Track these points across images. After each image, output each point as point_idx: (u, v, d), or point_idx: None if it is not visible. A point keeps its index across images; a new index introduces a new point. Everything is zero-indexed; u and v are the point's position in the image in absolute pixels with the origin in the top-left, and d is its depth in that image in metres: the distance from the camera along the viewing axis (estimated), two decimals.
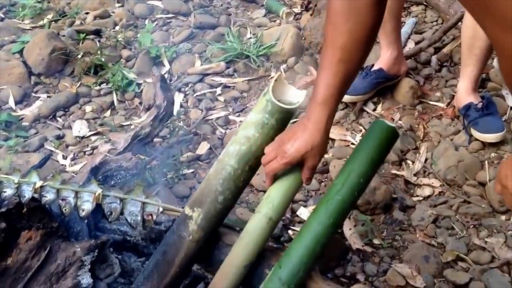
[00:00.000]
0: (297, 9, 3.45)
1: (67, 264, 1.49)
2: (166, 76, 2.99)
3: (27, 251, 1.46)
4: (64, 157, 2.59)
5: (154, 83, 2.34)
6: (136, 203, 1.52)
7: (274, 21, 3.39)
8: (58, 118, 2.86)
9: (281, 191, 1.44)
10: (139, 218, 1.50)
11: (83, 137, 2.71)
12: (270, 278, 1.34)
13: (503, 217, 2.10)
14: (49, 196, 1.51)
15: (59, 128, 2.79)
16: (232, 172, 1.42)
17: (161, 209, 1.52)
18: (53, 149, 2.64)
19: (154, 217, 1.51)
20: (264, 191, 2.23)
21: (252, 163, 1.44)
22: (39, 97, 3.01)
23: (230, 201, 1.45)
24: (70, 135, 2.72)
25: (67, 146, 2.67)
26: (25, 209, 1.49)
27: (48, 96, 3.00)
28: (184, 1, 3.65)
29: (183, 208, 1.51)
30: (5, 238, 1.44)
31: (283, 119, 1.44)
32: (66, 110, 2.91)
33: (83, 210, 1.51)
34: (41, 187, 1.51)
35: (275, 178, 1.46)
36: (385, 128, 1.39)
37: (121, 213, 1.53)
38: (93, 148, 2.61)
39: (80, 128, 2.76)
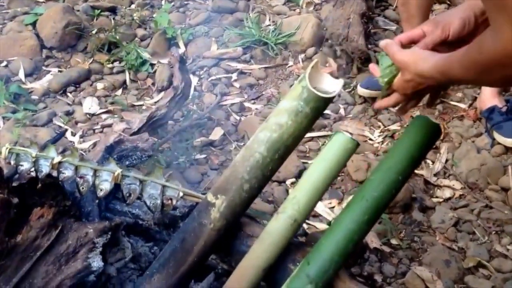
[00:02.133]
0: (317, 0, 3.36)
1: (78, 245, 1.41)
2: None
3: (38, 229, 1.38)
4: (73, 134, 2.52)
5: (173, 64, 2.26)
6: (156, 185, 1.44)
7: (294, 10, 3.30)
8: (69, 94, 2.79)
9: (308, 192, 1.36)
10: (158, 201, 1.43)
11: (93, 115, 2.64)
12: (297, 274, 1.26)
13: None
14: (67, 172, 1.43)
15: (69, 104, 2.71)
16: (260, 160, 1.34)
17: (181, 194, 1.44)
18: (62, 125, 2.57)
19: (174, 201, 1.43)
20: (279, 182, 2.17)
21: (282, 152, 1.36)
22: (50, 71, 2.93)
23: (256, 190, 1.37)
24: (80, 112, 2.65)
25: (76, 122, 2.59)
26: (39, 185, 1.41)
27: (59, 71, 2.92)
28: None
29: (204, 194, 1.44)
30: (16, 214, 1.37)
31: (318, 108, 1.36)
32: (77, 86, 2.83)
33: (101, 190, 1.43)
34: (59, 163, 1.43)
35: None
36: (427, 124, 1.32)
37: (140, 195, 1.45)
38: (103, 126, 2.54)
39: (90, 105, 2.68)
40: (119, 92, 2.80)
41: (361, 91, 2.61)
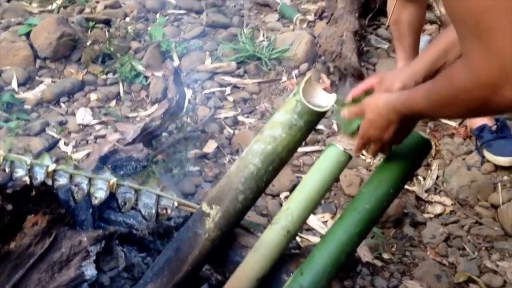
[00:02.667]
0: (310, 17, 3.41)
1: (72, 253, 1.41)
2: None
3: (32, 236, 1.38)
4: (66, 144, 2.52)
5: (167, 76, 2.28)
6: (151, 195, 1.44)
7: (288, 26, 3.34)
8: (62, 104, 2.79)
9: (302, 203, 1.37)
10: (153, 211, 1.43)
11: (86, 125, 2.64)
12: (290, 284, 1.27)
13: None
14: (62, 180, 1.44)
15: (62, 114, 2.71)
16: (255, 172, 1.36)
17: (176, 204, 1.44)
18: (54, 134, 2.56)
19: (169, 211, 1.44)
20: (273, 196, 2.18)
21: (276, 163, 1.37)
22: (43, 81, 2.93)
23: (250, 201, 1.38)
24: (73, 122, 2.65)
25: (69, 133, 2.59)
26: (34, 192, 1.41)
27: (52, 81, 2.92)
28: None
29: (198, 204, 1.44)
30: (10, 221, 1.36)
31: (312, 121, 1.38)
32: (70, 96, 2.84)
33: (96, 198, 1.43)
34: (54, 170, 1.43)
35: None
36: (419, 139, 1.34)
37: (135, 204, 1.45)
38: (97, 137, 2.55)
39: (84, 115, 2.68)
40: (113, 103, 2.81)
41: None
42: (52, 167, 1.43)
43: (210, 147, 2.46)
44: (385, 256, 1.96)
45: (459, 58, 0.96)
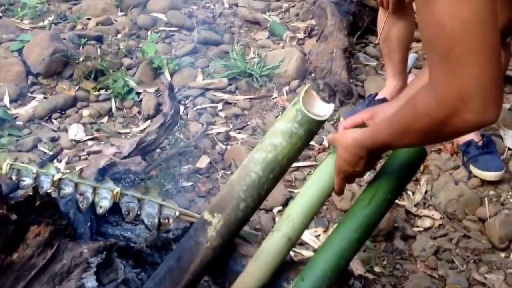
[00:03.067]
0: (300, 35, 3.47)
1: (73, 264, 1.42)
2: None
3: (34, 247, 1.39)
4: (59, 160, 2.52)
5: (162, 91, 2.32)
6: (154, 205, 1.47)
7: (278, 44, 3.40)
8: (54, 120, 2.81)
9: (303, 210, 1.40)
10: (156, 220, 1.46)
11: (79, 141, 2.66)
12: None
13: (502, 254, 2.11)
14: (67, 189, 1.46)
15: (54, 130, 2.73)
16: (256, 180, 1.39)
17: (177, 213, 1.47)
18: (46, 151, 2.58)
19: (171, 221, 1.47)
20: (267, 210, 2.21)
21: (277, 172, 1.41)
22: (35, 97, 2.95)
23: (251, 209, 1.41)
24: (66, 138, 2.67)
25: (61, 149, 2.59)
26: (38, 202, 1.43)
27: (44, 97, 2.95)
28: (188, 16, 3.65)
29: (199, 214, 1.47)
30: (13, 231, 1.38)
31: (311, 130, 1.42)
32: (63, 112, 2.86)
33: (100, 207, 1.46)
34: (60, 179, 1.45)
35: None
36: (415, 148, 1.38)
37: (138, 213, 1.48)
38: (89, 153, 2.56)
39: (76, 131, 2.70)
40: (105, 119, 2.83)
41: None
42: (57, 176, 1.46)
43: (203, 162, 2.49)
44: (377, 269, 2.00)
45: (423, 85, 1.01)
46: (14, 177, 1.48)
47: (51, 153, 2.53)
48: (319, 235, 2.13)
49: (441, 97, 0.95)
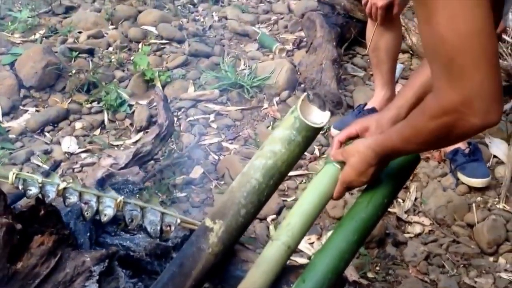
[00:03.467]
0: (289, 46, 3.53)
1: (76, 273, 1.45)
2: None
3: (38, 256, 1.41)
4: None
5: (157, 102, 2.36)
6: (156, 212, 1.51)
7: (267, 55, 3.46)
8: (46, 133, 2.83)
9: (302, 218, 1.44)
10: (158, 228, 1.49)
11: (72, 154, 2.68)
12: None
13: (491, 259, 2.17)
14: (72, 198, 1.49)
15: (47, 143, 2.75)
16: (256, 186, 1.43)
17: (179, 221, 1.51)
18: (40, 163, 2.59)
19: (173, 228, 1.50)
20: (261, 219, 2.25)
21: (277, 178, 1.45)
22: (27, 110, 2.98)
23: (252, 215, 1.45)
24: (59, 151, 2.69)
25: (55, 161, 2.62)
26: (42, 212, 1.46)
27: (36, 110, 2.97)
28: (179, 28, 3.70)
29: (200, 221, 1.51)
30: (18, 241, 1.41)
31: (309, 137, 1.47)
32: (55, 125, 2.88)
33: (105, 215, 1.49)
34: (65, 188, 1.49)
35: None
36: None
37: (141, 221, 1.51)
38: (83, 165, 2.59)
39: (69, 144, 2.72)
40: (97, 132, 2.86)
41: (334, 132, 2.74)
42: (62, 185, 1.49)
43: (197, 172, 2.53)
44: (370, 275, 2.05)
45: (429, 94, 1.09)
46: (20, 187, 1.51)
47: (44, 165, 2.56)
48: (313, 243, 2.17)
49: (447, 103, 1.03)
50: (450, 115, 1.04)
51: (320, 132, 2.75)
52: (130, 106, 3.01)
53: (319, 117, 1.49)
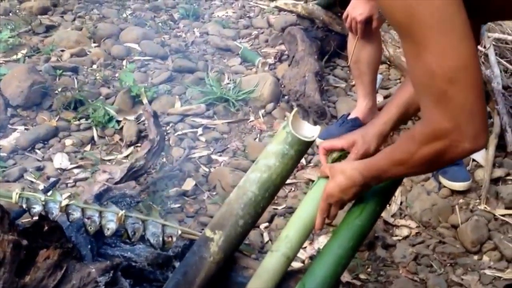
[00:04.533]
0: (271, 60, 3.62)
1: (82, 284, 1.50)
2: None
3: (45, 269, 1.46)
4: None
5: (147, 119, 2.41)
6: (157, 224, 1.57)
7: (250, 69, 3.54)
8: (37, 150, 2.86)
9: (299, 230, 1.51)
10: (160, 239, 1.55)
11: (64, 170, 2.71)
12: None
13: (475, 257, 2.26)
14: (75, 214, 1.54)
15: (38, 160, 2.78)
16: (253, 198, 1.51)
17: (180, 232, 1.57)
18: (33, 180, 2.62)
19: (174, 239, 1.56)
20: (255, 227, 2.31)
21: (272, 190, 1.53)
22: (16, 129, 3.00)
23: (250, 225, 1.53)
24: (51, 167, 2.72)
25: (48, 177, 2.65)
26: (46, 228, 1.50)
27: (25, 129, 2.99)
28: (161, 45, 3.77)
29: (200, 232, 1.57)
30: (25, 256, 1.45)
31: (301, 150, 1.55)
32: (45, 143, 2.91)
33: (108, 229, 1.54)
34: (67, 205, 1.53)
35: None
36: None
37: (143, 233, 1.57)
38: (76, 181, 2.62)
39: (61, 160, 2.76)
40: (88, 148, 2.90)
41: (319, 142, 2.81)
42: (65, 202, 1.53)
43: (189, 185, 2.59)
44: (362, 276, 2.12)
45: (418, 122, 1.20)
46: (24, 205, 1.55)
47: (38, 181, 2.59)
48: (305, 247, 2.24)
49: (439, 131, 1.12)
50: (441, 141, 1.12)
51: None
52: (118, 122, 3.05)
53: (309, 131, 1.57)
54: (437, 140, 1.13)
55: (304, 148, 1.56)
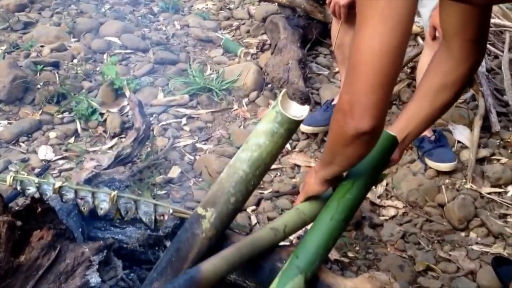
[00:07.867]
0: (253, 50, 3.64)
1: (76, 263, 1.50)
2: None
3: (39, 249, 1.46)
4: None
5: (132, 108, 2.41)
6: (149, 204, 1.57)
7: (233, 59, 3.55)
8: (21, 144, 2.83)
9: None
10: (153, 217, 1.55)
11: (49, 161, 2.69)
12: (288, 267, 1.42)
13: (462, 234, 2.30)
14: (69, 195, 1.54)
15: (23, 153, 2.75)
16: (244, 176, 1.52)
17: (171, 211, 1.57)
18: (18, 171, 2.59)
19: (166, 217, 1.56)
20: (242, 210, 2.32)
21: (262, 168, 1.55)
22: None
23: (240, 203, 1.54)
24: (36, 159, 2.70)
25: (33, 169, 2.63)
26: (39, 209, 1.50)
27: (8, 123, 2.97)
28: (142, 38, 3.75)
29: (191, 210, 1.57)
30: (19, 236, 1.44)
31: (290, 129, 1.56)
32: (29, 136, 2.89)
33: (101, 209, 1.54)
34: (60, 187, 1.53)
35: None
36: (386, 136, 1.54)
37: (136, 212, 1.57)
38: (61, 171, 2.60)
39: (45, 152, 2.74)
40: (72, 140, 2.88)
41: (304, 128, 2.84)
42: (58, 184, 1.53)
43: (175, 172, 2.59)
44: (350, 254, 2.15)
45: None
46: (18, 187, 1.55)
47: (23, 172, 2.56)
48: None
49: (339, 102, 1.23)
50: (340, 113, 1.23)
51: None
52: (101, 114, 3.04)
53: (298, 110, 1.59)
54: (338, 112, 1.23)
55: (293, 126, 1.58)
